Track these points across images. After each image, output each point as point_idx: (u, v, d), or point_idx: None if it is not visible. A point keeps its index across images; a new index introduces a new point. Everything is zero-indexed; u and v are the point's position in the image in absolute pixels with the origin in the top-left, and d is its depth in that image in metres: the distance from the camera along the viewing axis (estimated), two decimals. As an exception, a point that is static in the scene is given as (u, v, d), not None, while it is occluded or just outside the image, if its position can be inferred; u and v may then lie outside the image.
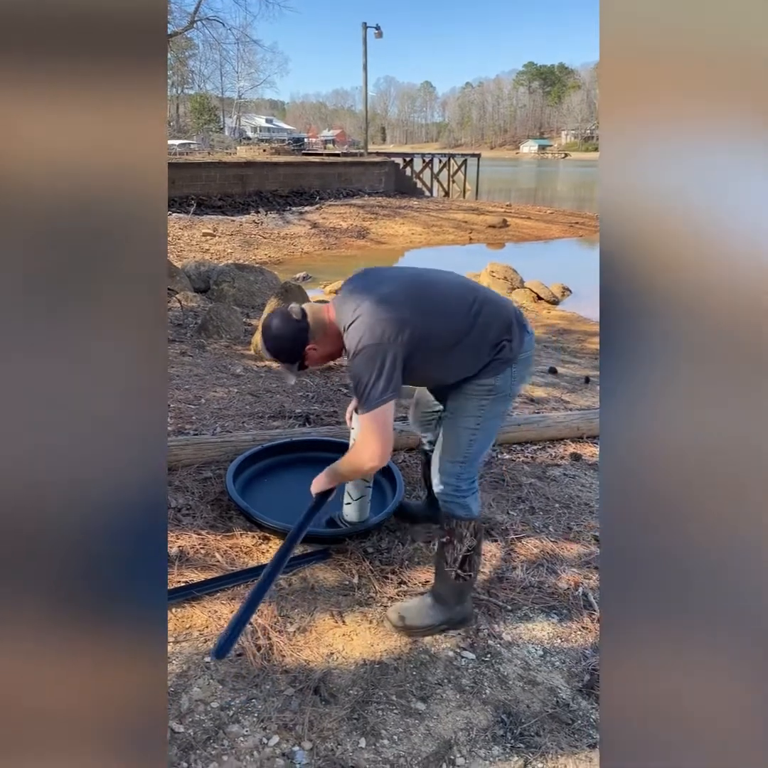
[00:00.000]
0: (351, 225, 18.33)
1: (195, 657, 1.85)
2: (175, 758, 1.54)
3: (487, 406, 1.90)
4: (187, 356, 5.00)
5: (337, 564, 2.33)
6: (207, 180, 19.57)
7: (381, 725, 1.69)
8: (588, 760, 1.63)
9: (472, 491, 1.97)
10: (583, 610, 2.17)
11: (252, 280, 8.17)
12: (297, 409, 3.76)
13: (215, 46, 26.29)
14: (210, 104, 57.07)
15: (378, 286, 1.80)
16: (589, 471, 3.25)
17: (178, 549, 2.31)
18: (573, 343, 7.46)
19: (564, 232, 19.49)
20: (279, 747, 1.60)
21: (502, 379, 1.88)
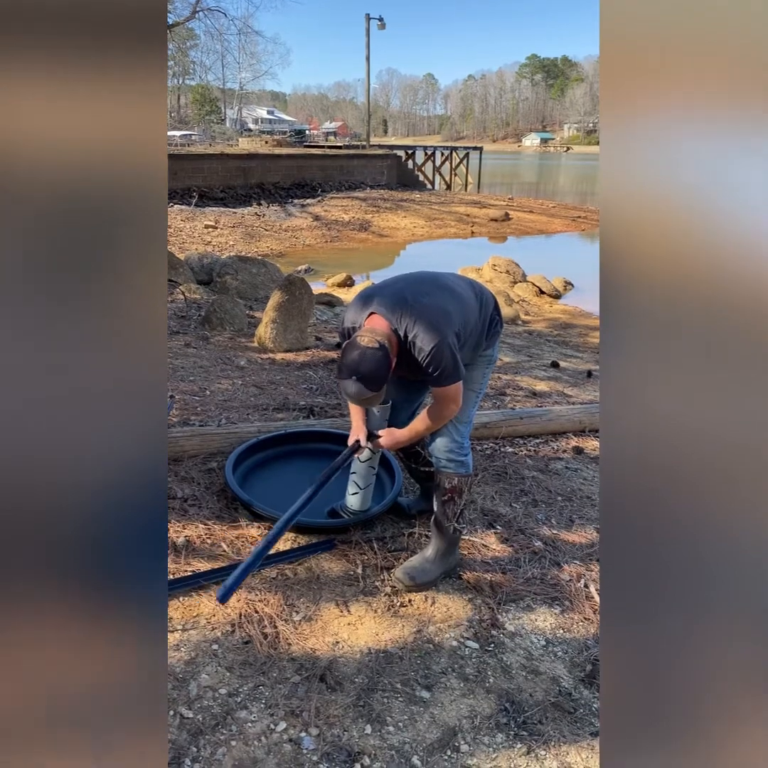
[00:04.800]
0: (353, 218, 18.30)
1: (203, 645, 1.87)
2: (184, 743, 1.56)
3: (487, 374, 2.26)
4: (191, 348, 5.02)
5: (341, 554, 2.35)
6: (209, 172, 19.51)
7: (386, 712, 1.71)
8: (590, 748, 1.65)
9: (469, 450, 2.25)
10: (585, 602, 2.19)
11: (255, 272, 8.18)
12: (301, 402, 3.77)
13: (217, 37, 26.30)
14: (211, 95, 56.76)
15: (413, 289, 2.01)
16: (591, 464, 3.27)
17: (185, 539, 2.34)
18: (575, 337, 7.47)
19: (566, 226, 19.46)
20: (286, 733, 1.62)
21: (496, 349, 2.27)
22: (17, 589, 0.92)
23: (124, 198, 0.95)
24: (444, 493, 2.19)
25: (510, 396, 4.25)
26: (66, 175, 0.91)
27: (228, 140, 35.11)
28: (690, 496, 0.97)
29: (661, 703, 0.99)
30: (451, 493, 2.18)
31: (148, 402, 0.98)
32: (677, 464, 0.97)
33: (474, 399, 2.22)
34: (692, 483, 0.97)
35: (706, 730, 0.97)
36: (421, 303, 1.95)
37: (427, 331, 1.90)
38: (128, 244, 0.95)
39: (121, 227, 0.95)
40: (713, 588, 0.96)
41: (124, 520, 0.97)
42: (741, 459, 0.94)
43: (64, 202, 0.91)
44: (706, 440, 0.96)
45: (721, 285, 0.94)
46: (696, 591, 0.97)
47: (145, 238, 0.96)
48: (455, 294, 2.06)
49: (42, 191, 0.90)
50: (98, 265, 0.94)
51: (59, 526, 0.93)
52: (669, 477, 0.98)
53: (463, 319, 2.01)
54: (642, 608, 0.99)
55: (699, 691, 0.97)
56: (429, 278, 2.11)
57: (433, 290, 2.03)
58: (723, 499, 0.95)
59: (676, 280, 0.96)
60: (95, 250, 0.94)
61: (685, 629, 0.98)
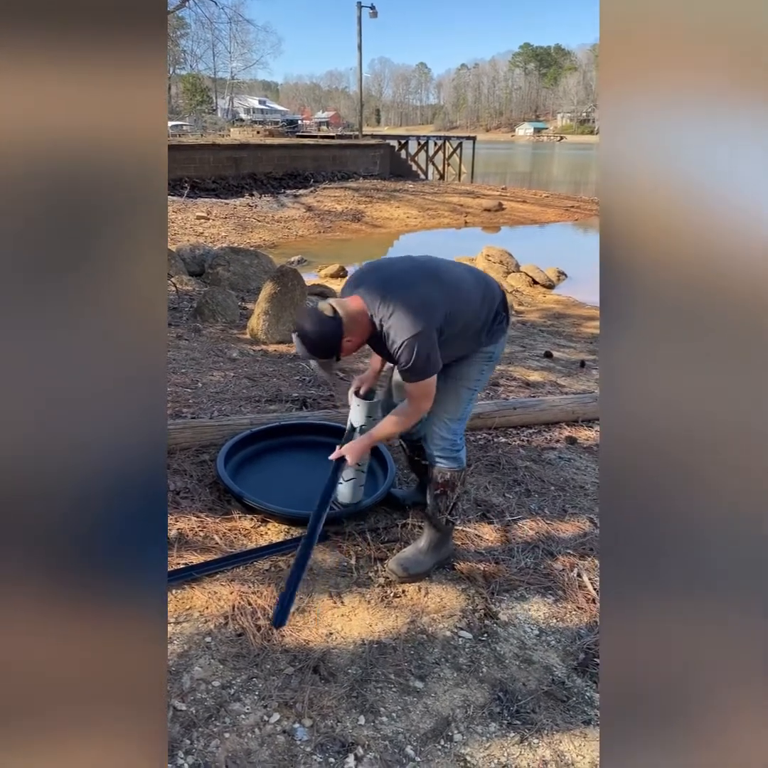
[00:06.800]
0: (346, 208, 18.22)
1: (196, 637, 1.87)
2: (177, 735, 1.56)
3: (485, 371, 2.18)
4: (183, 340, 4.99)
5: (335, 545, 2.35)
6: (200, 162, 19.39)
7: (380, 703, 1.72)
8: (582, 736, 1.66)
9: (462, 445, 2.23)
10: (578, 591, 2.20)
11: (247, 263, 8.14)
12: (294, 393, 3.76)
13: (208, 26, 26.16)
14: (202, 85, 56.30)
15: (401, 277, 1.96)
16: (584, 454, 3.28)
17: (177, 531, 2.33)
18: (568, 327, 7.47)
19: (559, 216, 19.43)
20: (280, 724, 1.62)
21: (499, 346, 2.17)
22: (17, 579, 0.91)
23: (123, 187, 0.93)
24: (437, 487, 2.20)
25: (503, 386, 4.25)
26: (62, 164, 0.90)
27: (219, 130, 34.85)
28: (689, 482, 0.97)
29: (661, 691, 0.99)
30: (444, 487, 2.19)
31: (147, 392, 0.98)
32: (678, 450, 0.97)
33: (467, 395, 2.16)
34: (693, 469, 0.96)
35: (705, 718, 0.97)
36: (404, 293, 1.90)
37: (401, 323, 1.86)
38: (127, 233, 0.94)
39: (119, 216, 0.94)
40: (713, 574, 0.96)
41: (124, 511, 0.97)
42: (741, 445, 0.94)
43: (61, 191, 0.90)
44: (706, 426, 0.96)
45: (721, 271, 0.93)
46: (696, 577, 0.97)
47: (144, 226, 0.95)
48: (449, 286, 1.98)
49: (39, 181, 0.89)
50: (97, 255, 0.93)
51: (59, 517, 0.93)
52: (669, 463, 0.98)
53: (451, 313, 1.94)
54: (642, 596, 0.99)
55: (699, 678, 0.97)
56: (427, 266, 2.02)
57: (424, 280, 1.96)
58: (722, 484, 0.95)
59: (676, 266, 0.96)
60: (94, 239, 0.92)
61: (685, 617, 0.97)
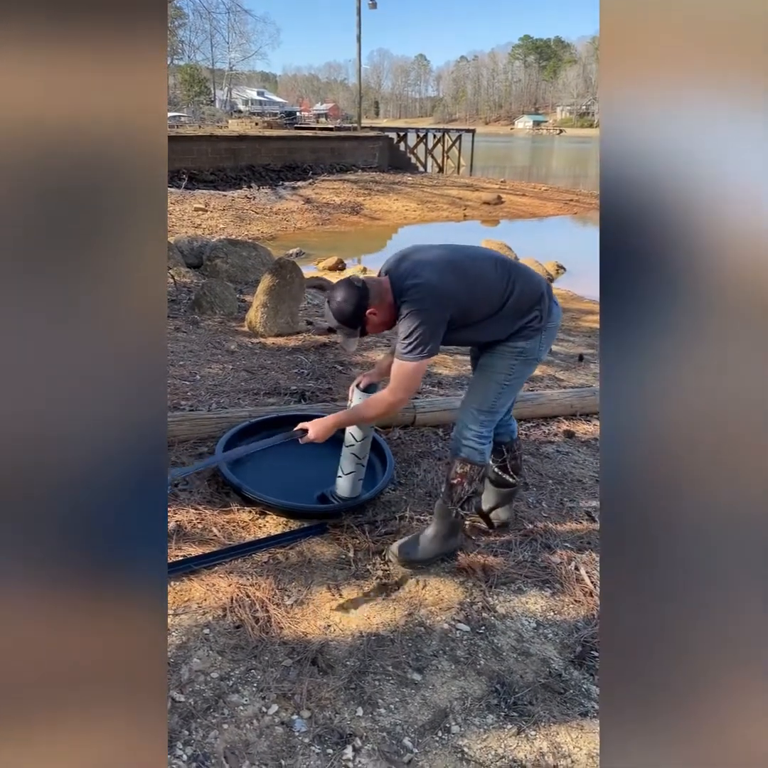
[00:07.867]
0: (344, 200, 18.15)
1: (194, 629, 1.87)
2: (176, 726, 1.57)
3: (516, 366, 2.14)
4: (181, 332, 4.98)
5: (333, 538, 2.35)
6: (198, 154, 19.28)
7: (378, 695, 1.72)
8: (579, 728, 1.67)
9: (489, 440, 2.21)
10: (575, 584, 2.21)
11: (245, 255, 8.11)
12: (292, 386, 3.76)
13: (205, 16, 25.85)
14: (200, 76, 55.87)
15: (429, 262, 2.02)
16: (582, 448, 3.28)
17: (176, 524, 2.33)
18: (567, 321, 7.47)
19: (559, 210, 19.38)
20: (278, 716, 1.63)
21: (532, 344, 2.12)
22: (17, 572, 0.91)
23: (123, 177, 0.93)
24: (454, 476, 2.19)
25: (502, 380, 4.24)
26: (61, 155, 0.89)
27: (218, 122, 34.62)
28: (691, 477, 0.97)
29: (661, 683, 0.99)
30: (461, 477, 2.18)
31: (147, 383, 0.97)
32: (679, 445, 0.97)
33: (495, 388, 2.15)
34: (694, 464, 0.96)
35: (705, 710, 0.98)
36: (424, 278, 1.96)
37: (414, 297, 1.94)
38: (128, 224, 0.94)
39: (120, 206, 0.93)
40: (714, 567, 0.96)
41: (124, 502, 0.97)
42: (743, 438, 0.94)
43: (61, 183, 0.89)
44: (707, 421, 0.95)
45: (723, 265, 0.93)
46: (697, 569, 0.97)
47: (144, 217, 0.95)
48: (470, 278, 2.03)
49: (38, 172, 0.88)
50: (97, 246, 0.92)
51: (58, 509, 0.93)
52: (670, 457, 0.97)
53: (466, 304, 2.00)
54: (642, 588, 0.99)
55: (699, 670, 0.97)
56: (452, 257, 2.06)
57: (447, 269, 2.00)
58: (724, 478, 0.95)
59: (677, 259, 0.95)
60: (94, 230, 0.92)
61: (686, 609, 0.98)
